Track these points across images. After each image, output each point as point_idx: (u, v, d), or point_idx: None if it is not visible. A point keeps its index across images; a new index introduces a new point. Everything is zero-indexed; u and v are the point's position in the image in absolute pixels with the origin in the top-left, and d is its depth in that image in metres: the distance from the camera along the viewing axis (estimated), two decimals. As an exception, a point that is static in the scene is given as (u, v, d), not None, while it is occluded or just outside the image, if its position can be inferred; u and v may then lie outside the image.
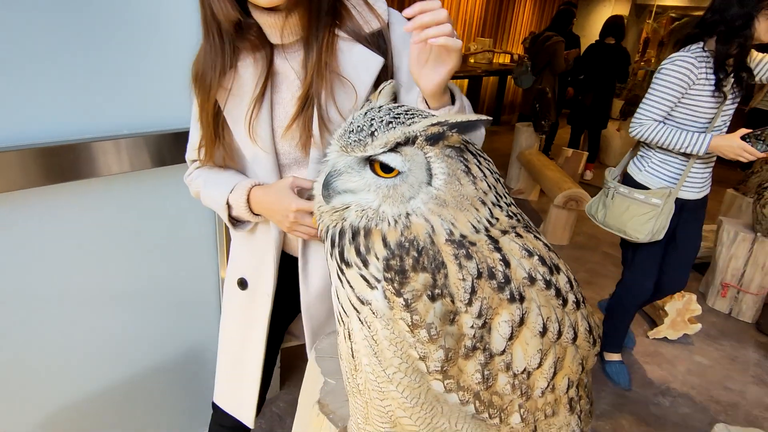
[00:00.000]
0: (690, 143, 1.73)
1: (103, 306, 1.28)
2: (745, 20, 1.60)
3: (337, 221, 0.50)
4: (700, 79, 1.69)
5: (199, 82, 0.87)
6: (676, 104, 1.75)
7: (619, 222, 1.92)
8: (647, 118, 1.79)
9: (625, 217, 1.90)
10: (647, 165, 1.90)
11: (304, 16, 0.78)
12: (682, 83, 1.70)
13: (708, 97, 1.71)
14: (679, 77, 1.70)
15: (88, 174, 1.13)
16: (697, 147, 1.72)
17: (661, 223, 1.86)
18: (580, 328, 0.53)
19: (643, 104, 1.81)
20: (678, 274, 2.07)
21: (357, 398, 0.55)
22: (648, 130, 1.79)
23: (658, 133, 1.77)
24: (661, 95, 1.75)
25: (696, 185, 1.87)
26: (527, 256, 0.48)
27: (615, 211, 1.94)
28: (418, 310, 0.44)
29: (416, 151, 0.46)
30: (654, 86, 1.78)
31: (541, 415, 0.54)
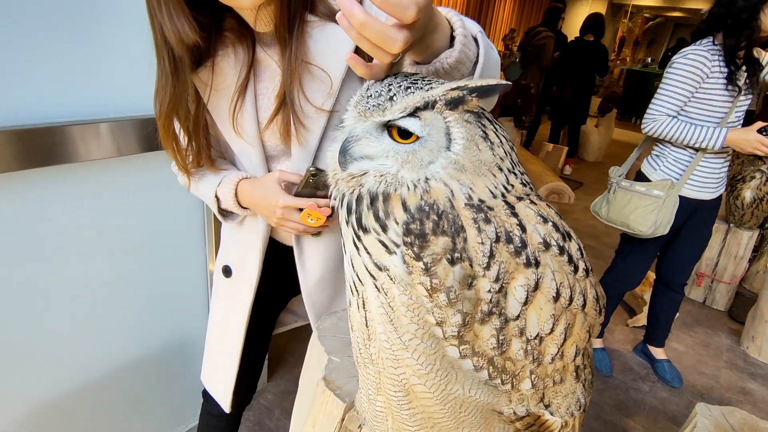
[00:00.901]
0: (705, 137, 1.70)
1: (87, 297, 1.25)
2: (750, 13, 1.61)
3: (354, 188, 0.49)
4: (713, 72, 1.67)
5: (164, 119, 0.82)
6: (689, 99, 1.73)
7: (622, 216, 1.91)
8: (660, 113, 1.76)
9: (627, 210, 1.89)
10: (662, 164, 1.88)
11: (277, 6, 0.74)
12: (696, 77, 1.69)
13: (722, 91, 1.69)
14: (692, 70, 1.68)
15: (67, 159, 1.09)
16: (712, 141, 1.70)
17: (665, 217, 1.83)
18: (589, 296, 0.54)
19: (656, 99, 1.78)
20: (681, 269, 2.08)
21: (369, 369, 0.55)
22: (661, 125, 1.76)
23: (671, 128, 1.74)
24: (674, 89, 1.73)
25: (711, 185, 1.85)
26: (542, 222, 0.48)
27: (617, 205, 1.93)
28: (438, 273, 0.44)
29: (436, 115, 0.46)
30: (666, 81, 1.75)
31: (550, 381, 0.55)
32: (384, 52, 0.47)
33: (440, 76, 0.59)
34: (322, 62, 0.79)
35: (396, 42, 0.46)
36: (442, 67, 0.59)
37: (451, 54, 0.58)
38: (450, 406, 0.52)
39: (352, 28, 0.45)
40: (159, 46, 0.74)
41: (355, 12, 0.44)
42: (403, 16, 0.45)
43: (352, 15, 0.44)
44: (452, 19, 0.61)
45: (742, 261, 2.86)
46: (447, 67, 0.58)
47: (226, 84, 0.83)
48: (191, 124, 0.85)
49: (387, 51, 0.47)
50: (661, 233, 1.87)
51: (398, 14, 0.45)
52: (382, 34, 0.45)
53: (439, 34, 0.57)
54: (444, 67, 0.58)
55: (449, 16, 0.61)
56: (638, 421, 2.01)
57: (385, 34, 0.45)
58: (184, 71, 0.78)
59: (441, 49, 0.59)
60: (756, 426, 1.39)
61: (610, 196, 1.98)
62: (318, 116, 0.82)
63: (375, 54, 0.47)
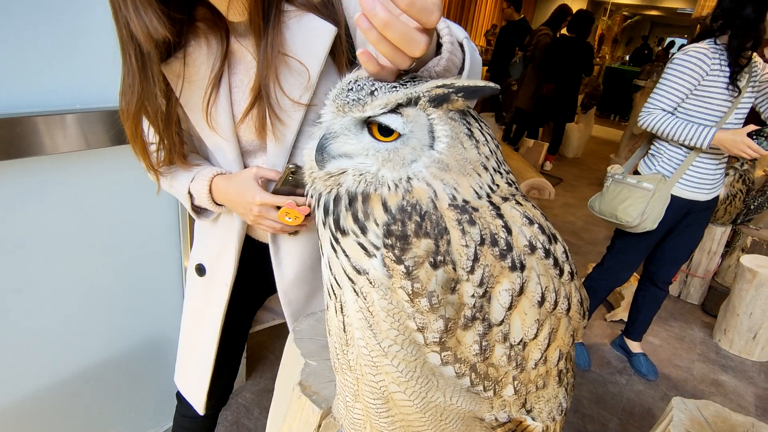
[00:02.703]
0: (694, 136, 1.70)
1: (55, 296, 1.20)
2: (759, 14, 1.61)
3: (332, 187, 0.47)
4: (713, 70, 1.67)
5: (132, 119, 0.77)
6: (687, 96, 1.73)
7: (611, 207, 1.92)
8: (656, 107, 1.76)
9: (616, 202, 1.90)
10: (658, 163, 1.88)
11: None
12: (695, 74, 1.68)
13: (722, 91, 1.68)
14: (692, 67, 1.68)
15: (31, 152, 1.04)
16: (701, 140, 1.69)
17: (654, 211, 1.84)
18: (574, 300, 0.52)
19: (654, 94, 1.78)
20: (669, 268, 2.10)
21: (347, 375, 0.53)
22: (655, 119, 1.76)
23: (664, 123, 1.74)
24: (672, 85, 1.72)
25: (705, 186, 1.85)
26: (528, 223, 0.47)
27: (608, 197, 1.94)
28: (420, 277, 0.42)
29: (419, 112, 0.44)
30: (665, 76, 1.75)
31: (532, 387, 0.53)
32: (404, 55, 0.43)
33: None
34: (299, 54, 0.76)
35: (419, 44, 0.43)
36: (429, 75, 0.57)
37: (439, 62, 0.57)
38: (430, 414, 0.50)
39: (372, 29, 0.42)
40: (125, 43, 0.70)
41: (378, 11, 0.40)
42: (427, 20, 0.42)
43: (375, 15, 0.40)
44: (439, 26, 0.59)
45: (715, 256, 2.93)
46: (434, 75, 0.57)
47: (198, 76, 0.79)
48: (162, 121, 0.80)
49: (408, 54, 0.43)
50: (649, 227, 1.88)
51: (423, 18, 0.42)
52: (406, 36, 0.42)
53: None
54: (432, 75, 0.57)
55: None
56: (615, 413, 2.05)
57: (409, 35, 0.42)
58: (152, 68, 0.73)
59: (429, 57, 0.57)
60: (728, 419, 1.42)
61: (604, 189, 1.99)
62: (295, 110, 0.79)
63: (394, 58, 0.44)
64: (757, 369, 2.48)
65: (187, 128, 0.88)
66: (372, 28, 0.41)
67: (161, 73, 0.76)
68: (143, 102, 0.75)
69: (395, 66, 0.45)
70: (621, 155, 4.91)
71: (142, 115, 0.78)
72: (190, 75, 0.79)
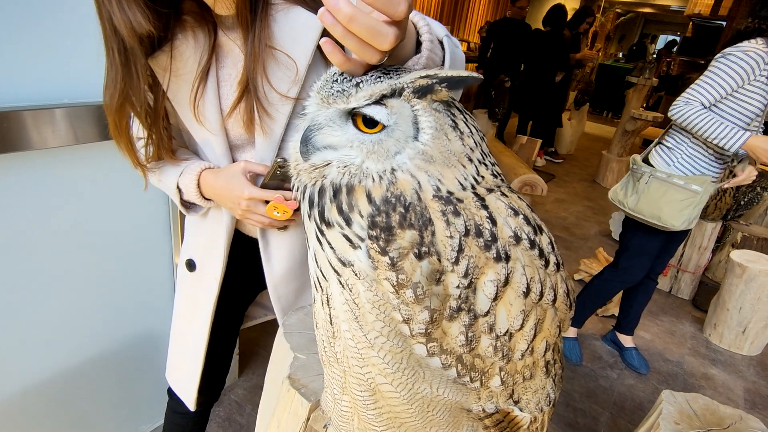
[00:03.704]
0: (727, 136, 1.65)
1: (46, 292, 1.19)
2: None
3: (317, 179, 0.46)
4: (761, 74, 1.63)
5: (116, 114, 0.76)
6: (729, 94, 1.67)
7: (655, 208, 1.82)
8: (695, 99, 1.70)
9: (661, 203, 1.81)
10: (676, 159, 1.83)
11: None
12: (744, 74, 1.63)
13: (761, 96, 1.64)
14: (744, 67, 1.63)
15: (20, 147, 1.03)
16: (732, 142, 1.65)
17: (697, 212, 1.81)
18: (560, 290, 0.52)
19: (696, 85, 1.71)
20: (662, 261, 2.10)
21: (334, 367, 0.53)
22: (691, 111, 1.69)
23: (699, 116, 1.68)
24: (719, 80, 1.67)
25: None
26: (513, 215, 0.47)
27: (651, 196, 1.84)
28: (404, 269, 0.42)
29: (403, 103, 0.44)
30: (714, 70, 1.68)
31: (519, 377, 0.53)
32: (373, 50, 0.43)
33: None
34: (286, 47, 0.76)
35: (387, 38, 0.42)
36: None
37: (418, 60, 0.57)
38: (417, 405, 0.51)
39: (337, 25, 0.41)
40: (108, 38, 0.69)
41: (341, 6, 0.39)
42: (393, 12, 0.41)
43: (338, 10, 0.40)
44: (419, 23, 0.59)
45: (705, 251, 2.96)
46: None
47: (186, 69, 0.79)
48: (149, 116, 0.79)
49: (376, 48, 0.42)
50: (691, 228, 1.84)
51: (389, 10, 0.41)
52: (373, 29, 0.41)
53: (406, 40, 0.55)
54: None
55: (415, 20, 0.59)
56: (607, 407, 2.06)
57: (376, 29, 0.41)
58: (136, 63, 0.72)
59: (409, 54, 0.57)
60: (716, 411, 1.43)
61: (641, 186, 1.86)
62: (283, 104, 0.79)
63: (362, 53, 0.43)
64: (747, 363, 2.51)
65: (175, 123, 0.88)
66: (336, 24, 0.41)
67: (147, 67, 0.75)
68: (127, 96, 0.75)
69: (365, 61, 0.44)
70: (613, 152, 4.94)
71: (127, 109, 0.77)
72: (177, 69, 0.78)
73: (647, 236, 1.99)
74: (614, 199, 1.98)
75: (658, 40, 11.01)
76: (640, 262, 2.06)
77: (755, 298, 2.44)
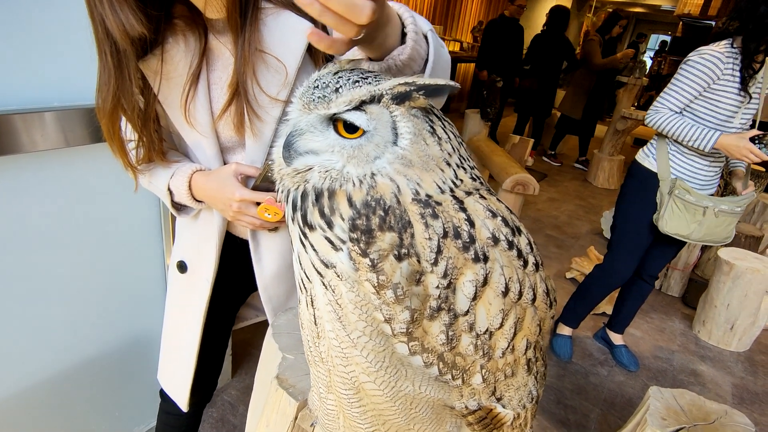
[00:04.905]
0: (698, 137, 1.71)
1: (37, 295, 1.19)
2: None
3: (299, 183, 0.48)
4: (725, 74, 1.67)
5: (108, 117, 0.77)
6: (696, 97, 1.73)
7: (716, 234, 1.86)
8: (664, 107, 1.78)
9: (720, 230, 1.85)
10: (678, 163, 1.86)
11: None
12: (706, 77, 1.69)
13: (732, 95, 1.69)
14: (704, 70, 1.69)
15: (9, 150, 1.03)
16: (704, 143, 1.70)
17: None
18: (539, 290, 0.54)
19: (663, 93, 1.80)
20: (658, 263, 2.11)
21: (319, 367, 0.54)
22: (662, 118, 1.78)
23: (671, 122, 1.76)
24: (682, 86, 1.74)
25: (698, 181, 1.85)
26: (491, 216, 0.48)
27: (713, 226, 1.85)
28: (385, 270, 0.44)
29: (382, 109, 0.45)
30: (677, 77, 1.76)
31: (501, 375, 0.55)
32: (350, 24, 0.44)
33: (393, 74, 0.59)
34: (276, 51, 0.77)
35: (363, 10, 0.43)
36: (395, 64, 0.58)
37: (403, 51, 0.58)
38: (401, 403, 0.52)
39: (315, 2, 0.42)
40: (100, 41, 0.69)
41: None
42: None
43: None
44: (403, 15, 0.60)
45: (695, 249, 2.99)
46: (399, 64, 0.58)
47: (177, 73, 0.80)
48: (140, 118, 0.80)
49: (354, 21, 0.44)
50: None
51: None
52: (349, 3, 0.43)
53: (391, 29, 0.56)
54: (397, 64, 0.58)
55: (400, 12, 0.60)
56: (597, 404, 2.09)
57: (352, 2, 0.43)
58: (128, 66, 0.73)
59: (393, 45, 0.58)
60: (703, 406, 1.46)
61: (702, 219, 1.84)
62: (272, 107, 0.80)
63: (340, 27, 0.44)
64: (735, 359, 2.54)
65: (166, 125, 0.88)
66: (314, 2, 0.42)
67: (138, 70, 0.76)
68: (119, 99, 0.75)
69: (345, 36, 0.45)
70: (604, 151, 4.98)
71: (119, 112, 0.78)
72: (167, 72, 0.79)
73: (635, 235, 2.02)
74: (677, 235, 1.91)
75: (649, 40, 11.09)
76: (626, 260, 2.09)
77: (742, 295, 2.48)
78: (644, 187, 1.93)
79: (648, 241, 2.02)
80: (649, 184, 1.91)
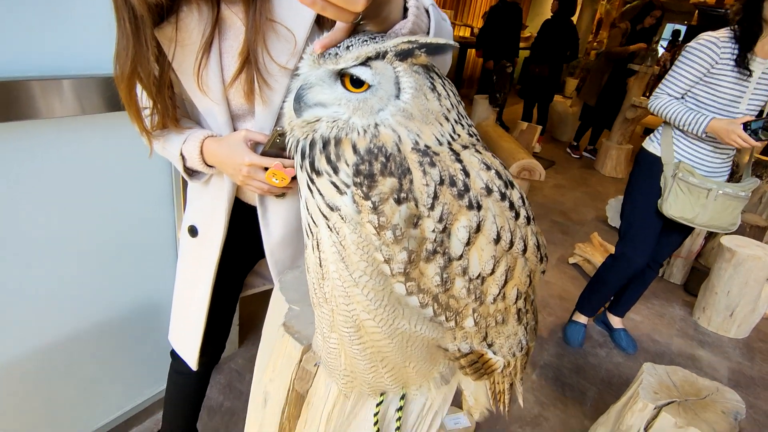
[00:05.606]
0: (691, 121, 1.75)
1: (52, 259, 1.24)
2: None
3: (308, 133, 0.52)
4: (723, 58, 1.70)
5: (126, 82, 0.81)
6: (696, 83, 1.77)
7: (721, 220, 1.87)
8: (663, 93, 1.83)
9: (725, 214, 1.86)
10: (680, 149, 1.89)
11: None
12: (703, 62, 1.72)
13: (731, 79, 1.70)
14: (700, 55, 1.72)
15: (27, 115, 1.07)
16: (696, 126, 1.74)
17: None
18: (530, 242, 0.58)
19: (664, 79, 1.84)
20: (664, 251, 2.13)
21: (323, 308, 0.59)
22: (661, 103, 1.83)
23: (669, 107, 1.81)
24: (681, 72, 1.78)
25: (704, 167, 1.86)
26: (485, 169, 0.52)
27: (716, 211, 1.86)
28: (385, 212, 0.48)
29: (386, 65, 0.49)
30: (677, 63, 1.80)
31: (492, 321, 0.59)
32: (348, 12, 0.48)
33: None
34: (286, 20, 0.80)
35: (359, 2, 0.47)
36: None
37: (404, 25, 0.61)
38: (397, 340, 0.56)
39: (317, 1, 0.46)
40: (119, 7, 0.74)
41: None
42: None
43: None
44: None
45: (698, 238, 3.00)
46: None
47: (190, 41, 0.83)
48: (155, 85, 0.84)
49: (351, 10, 0.47)
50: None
51: None
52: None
53: (393, 5, 0.60)
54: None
55: None
56: (594, 383, 2.13)
57: None
58: (145, 32, 0.77)
59: (396, 20, 0.61)
60: (695, 383, 1.50)
61: (706, 201, 1.86)
62: (282, 75, 0.83)
63: (339, 16, 0.48)
64: (733, 345, 2.58)
65: (179, 92, 0.92)
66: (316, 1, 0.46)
67: (154, 37, 0.80)
68: (136, 66, 0.79)
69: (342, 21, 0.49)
70: (613, 139, 4.96)
71: (135, 79, 0.82)
72: (182, 39, 0.83)
73: (642, 221, 2.03)
74: (667, 212, 1.93)
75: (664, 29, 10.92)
76: (637, 247, 2.09)
77: (743, 282, 2.50)
78: (650, 172, 1.95)
79: (657, 228, 2.02)
80: (654, 169, 1.93)
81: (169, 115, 0.89)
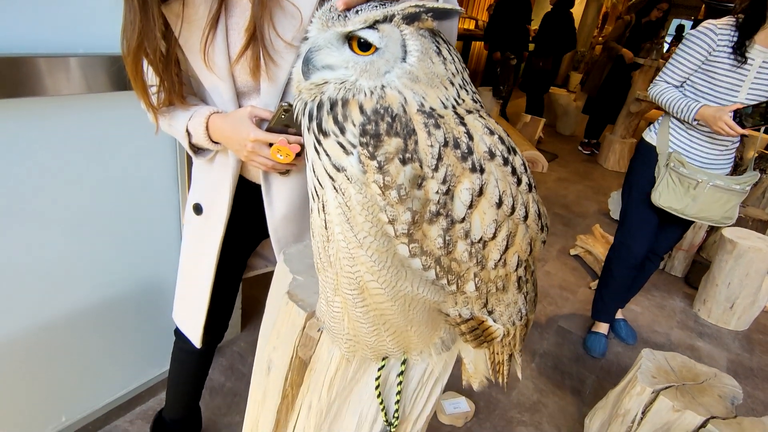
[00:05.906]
0: (682, 108, 1.76)
1: (57, 236, 1.25)
2: None
3: (316, 95, 0.53)
4: (720, 45, 1.69)
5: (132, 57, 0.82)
6: (695, 71, 1.78)
7: (710, 212, 1.85)
8: (662, 80, 1.86)
9: (715, 206, 1.85)
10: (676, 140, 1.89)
11: None
12: (701, 49, 1.73)
13: (728, 67, 1.69)
14: (698, 42, 1.73)
15: (34, 92, 1.08)
16: (687, 113, 1.75)
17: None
18: (531, 209, 0.59)
19: (664, 67, 1.87)
20: (666, 243, 2.14)
21: (328, 272, 0.60)
22: (657, 90, 1.85)
23: (664, 94, 1.83)
24: (679, 59, 1.80)
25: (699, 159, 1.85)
26: (489, 133, 0.53)
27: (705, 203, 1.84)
28: (390, 172, 0.49)
29: (393, 28, 0.50)
30: (676, 51, 1.82)
31: (492, 287, 0.60)
32: None
33: None
34: None
35: None
36: None
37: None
38: (400, 303, 0.58)
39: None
40: None
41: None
42: None
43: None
44: None
45: (700, 231, 3.01)
46: None
47: (197, 17, 0.84)
48: (161, 62, 0.85)
49: None
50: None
51: None
52: None
53: None
54: None
55: None
56: (593, 371, 2.15)
57: None
58: (152, 7, 0.78)
59: None
60: (693, 368, 1.51)
61: (695, 193, 1.84)
62: (287, 52, 0.84)
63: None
64: (733, 337, 2.59)
65: (185, 69, 0.93)
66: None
67: (161, 14, 0.81)
68: (143, 39, 0.80)
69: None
70: (617, 133, 4.95)
71: (141, 54, 0.83)
72: (189, 15, 0.84)
73: (637, 210, 2.03)
74: (669, 208, 1.91)
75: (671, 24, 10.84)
76: (634, 236, 2.09)
77: (744, 274, 2.51)
78: (646, 162, 1.96)
79: (653, 217, 2.02)
80: (649, 158, 1.94)
81: (176, 91, 0.90)
